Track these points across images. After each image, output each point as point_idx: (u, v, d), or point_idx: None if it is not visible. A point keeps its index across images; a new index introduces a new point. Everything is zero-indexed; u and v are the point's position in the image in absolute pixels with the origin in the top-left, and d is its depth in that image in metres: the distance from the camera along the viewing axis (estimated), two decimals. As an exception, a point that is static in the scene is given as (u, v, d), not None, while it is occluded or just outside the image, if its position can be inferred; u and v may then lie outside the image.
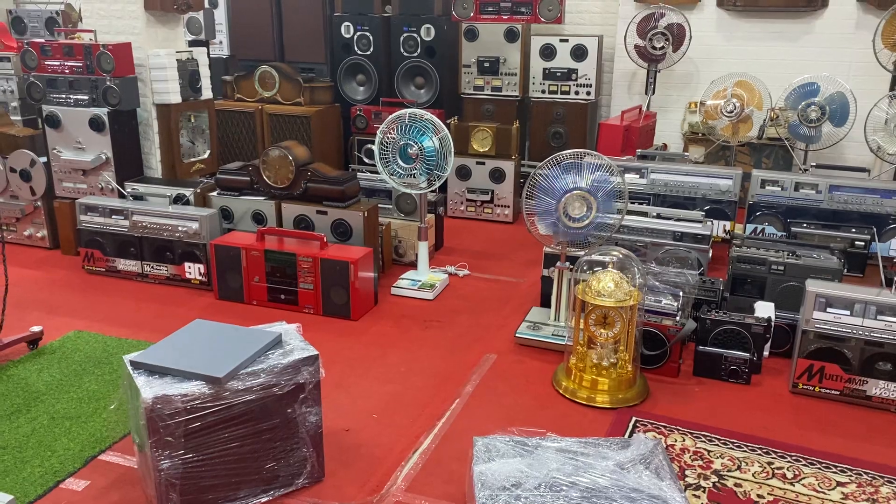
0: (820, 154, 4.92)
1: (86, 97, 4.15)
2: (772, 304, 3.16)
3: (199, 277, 3.86)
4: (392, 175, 3.76)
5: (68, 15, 6.22)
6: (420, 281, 3.87)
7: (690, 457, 2.47)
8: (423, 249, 3.92)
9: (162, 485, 2.08)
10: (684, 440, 2.56)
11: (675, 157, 4.62)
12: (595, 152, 3.05)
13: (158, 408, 2.02)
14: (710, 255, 3.67)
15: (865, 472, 2.40)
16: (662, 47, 5.07)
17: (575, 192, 3.03)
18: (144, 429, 2.04)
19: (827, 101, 4.56)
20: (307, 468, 2.33)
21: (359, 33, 5.51)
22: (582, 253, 3.17)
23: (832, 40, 5.11)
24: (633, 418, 2.70)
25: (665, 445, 2.52)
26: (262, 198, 3.97)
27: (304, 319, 3.50)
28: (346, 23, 5.51)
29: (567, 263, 3.26)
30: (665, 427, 2.64)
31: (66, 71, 4.14)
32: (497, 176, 5.03)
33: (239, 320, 3.16)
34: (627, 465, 1.95)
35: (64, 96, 4.18)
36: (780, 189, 3.97)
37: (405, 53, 5.44)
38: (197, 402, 2.07)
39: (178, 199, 4.08)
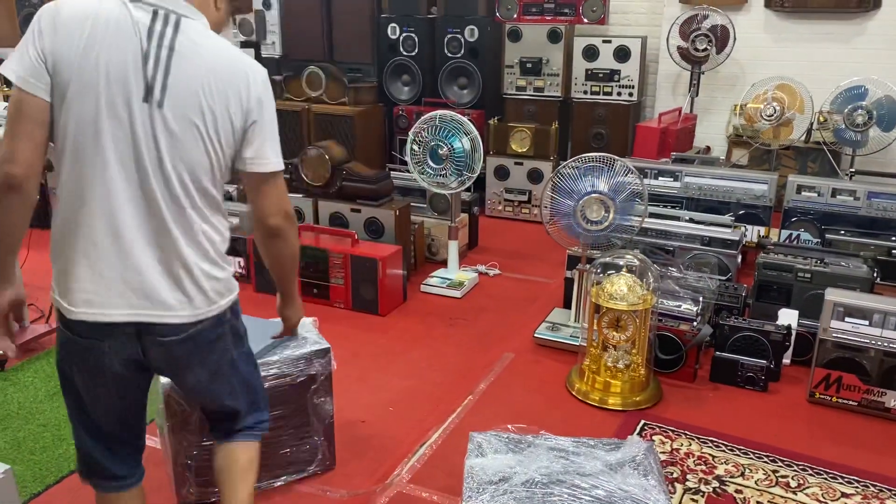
0: (868, 159, 4.79)
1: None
2: (796, 312, 3.13)
3: (239, 270, 4.03)
4: (422, 175, 3.85)
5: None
6: (450, 279, 3.96)
7: (694, 461, 2.49)
8: (453, 248, 4.00)
9: (178, 467, 2.23)
10: (690, 444, 2.58)
11: (713, 160, 4.58)
12: (611, 155, 3.08)
13: (177, 392, 2.16)
14: (740, 260, 3.64)
15: (873, 485, 2.38)
16: (705, 49, 5.02)
17: (593, 195, 3.06)
18: (162, 413, 2.19)
19: (875, 106, 4.44)
20: (319, 456, 2.45)
21: (404, 34, 5.61)
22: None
23: (886, 42, 4.96)
24: (642, 421, 2.73)
25: (670, 449, 2.55)
26: (301, 195, 4.11)
27: (335, 314, 3.63)
28: (393, 24, 5.63)
29: (589, 265, 3.29)
30: (673, 431, 2.66)
31: (122, 72, 4.36)
32: (535, 176, 5.07)
33: (273, 312, 3.31)
34: (616, 465, 1.99)
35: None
36: (816, 195, 3.90)
37: (449, 54, 5.51)
38: (212, 389, 2.20)
39: (222, 195, 4.26)
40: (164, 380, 2.15)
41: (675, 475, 2.41)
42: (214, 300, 1.66)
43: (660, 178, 4.24)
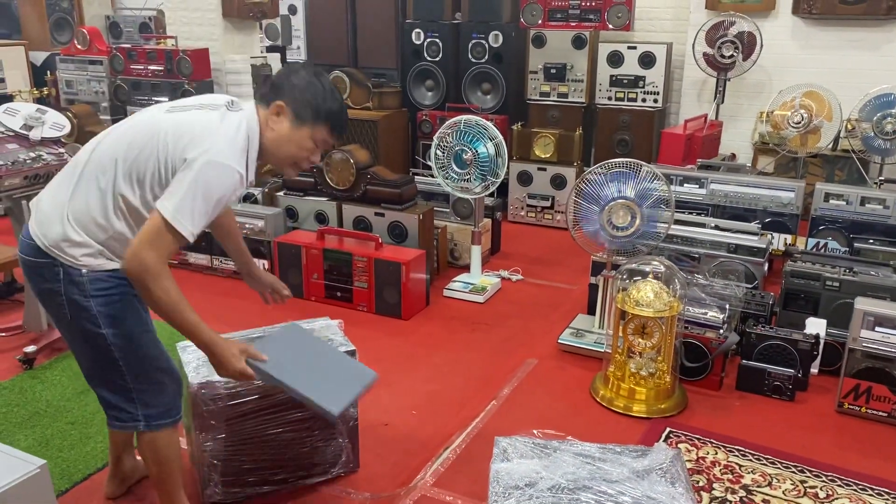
0: (897, 167, 4.74)
1: (166, 99, 4.42)
2: (824, 321, 3.10)
3: (263, 273, 4.05)
4: (447, 179, 3.85)
5: (160, 20, 6.59)
6: (472, 284, 3.95)
7: (720, 470, 2.46)
8: (475, 253, 4.00)
9: (204, 466, 2.24)
10: (716, 453, 2.55)
11: (739, 167, 4.55)
12: (637, 161, 3.06)
13: (203, 393, 2.17)
14: (766, 268, 3.60)
15: (904, 497, 2.34)
16: (731, 56, 4.98)
17: (619, 200, 3.05)
18: (189, 412, 2.20)
19: (904, 114, 4.38)
20: (343, 458, 2.45)
21: (429, 39, 5.62)
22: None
23: (916, 49, 4.91)
24: (667, 429, 2.70)
25: (696, 457, 2.53)
26: (325, 198, 4.13)
27: (358, 317, 3.64)
28: (417, 29, 5.64)
29: (614, 272, 3.28)
30: (698, 439, 2.64)
31: (149, 74, 4.42)
32: (558, 182, 5.06)
33: (297, 316, 3.31)
34: (643, 472, 1.98)
35: (146, 98, 4.47)
36: (844, 203, 3.86)
37: (473, 59, 5.52)
38: (239, 389, 2.21)
39: (247, 198, 4.30)
40: (192, 378, 2.17)
41: (701, 483, 2.39)
42: (53, 247, 1.89)
43: (685, 185, 4.22)
